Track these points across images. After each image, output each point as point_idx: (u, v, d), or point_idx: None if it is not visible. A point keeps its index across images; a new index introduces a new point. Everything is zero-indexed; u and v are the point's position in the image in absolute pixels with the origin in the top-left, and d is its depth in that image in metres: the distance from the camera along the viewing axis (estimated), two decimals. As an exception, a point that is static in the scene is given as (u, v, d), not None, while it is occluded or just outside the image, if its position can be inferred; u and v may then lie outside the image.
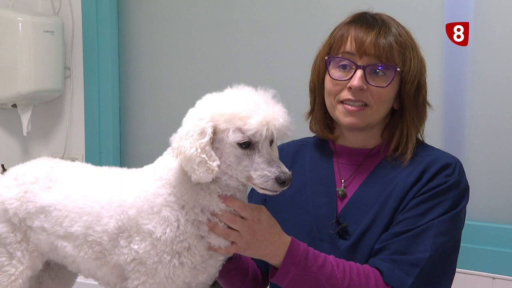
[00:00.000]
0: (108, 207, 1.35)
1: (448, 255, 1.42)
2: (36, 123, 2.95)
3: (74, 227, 1.39)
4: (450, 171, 1.43)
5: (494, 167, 2.17)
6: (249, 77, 2.59)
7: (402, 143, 1.48)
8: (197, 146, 1.23)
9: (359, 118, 1.45)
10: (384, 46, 1.42)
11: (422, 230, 1.37)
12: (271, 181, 1.24)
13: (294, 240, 1.36)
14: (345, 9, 1.57)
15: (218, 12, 2.70)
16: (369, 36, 1.42)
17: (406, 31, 1.49)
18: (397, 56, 1.44)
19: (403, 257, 1.36)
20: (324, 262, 1.35)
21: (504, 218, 2.16)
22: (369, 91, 1.43)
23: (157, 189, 1.32)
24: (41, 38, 2.71)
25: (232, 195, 1.32)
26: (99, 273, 1.41)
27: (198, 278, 1.35)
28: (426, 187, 1.41)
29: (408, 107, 1.48)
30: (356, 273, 1.35)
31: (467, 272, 2.12)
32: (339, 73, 1.46)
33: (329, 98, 1.49)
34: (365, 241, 1.42)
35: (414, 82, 1.46)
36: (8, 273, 1.48)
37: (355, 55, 1.44)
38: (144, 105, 2.92)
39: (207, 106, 1.28)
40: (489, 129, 2.18)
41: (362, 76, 1.42)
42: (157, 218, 1.30)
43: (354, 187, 1.50)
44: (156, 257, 1.30)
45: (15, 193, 1.48)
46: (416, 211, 1.40)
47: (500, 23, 2.14)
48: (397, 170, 1.46)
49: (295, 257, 1.34)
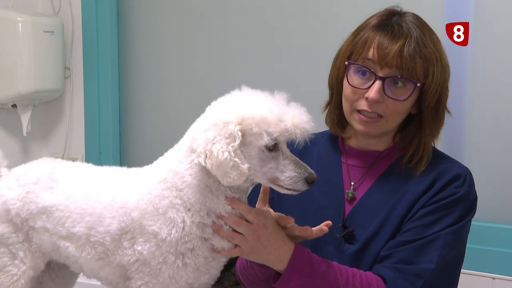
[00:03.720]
0: (110, 208, 1.35)
1: (452, 266, 1.41)
2: (36, 123, 2.94)
3: (77, 227, 1.39)
4: (460, 182, 1.42)
5: (494, 167, 2.17)
6: (250, 77, 2.59)
7: (418, 154, 1.46)
8: (230, 150, 1.22)
9: (374, 128, 1.44)
10: (406, 60, 1.39)
11: (429, 241, 1.37)
12: (301, 182, 1.27)
13: (298, 247, 1.35)
14: (352, 8, 1.56)
15: (219, 12, 2.70)
16: (393, 47, 1.39)
17: (432, 39, 1.44)
18: (420, 70, 1.41)
19: (408, 267, 1.36)
20: (327, 269, 1.35)
21: (504, 218, 2.16)
22: (385, 103, 1.42)
23: (162, 191, 1.31)
24: (41, 38, 2.71)
25: (239, 198, 1.32)
26: (102, 273, 1.41)
27: (200, 279, 1.35)
28: (436, 197, 1.41)
29: (428, 119, 1.45)
30: (359, 281, 1.35)
31: (467, 272, 2.12)
32: (358, 80, 1.44)
33: (346, 104, 1.48)
34: (372, 248, 1.42)
35: (435, 95, 1.44)
36: (10, 273, 1.48)
37: (376, 64, 1.41)
38: (144, 105, 2.92)
39: (230, 110, 1.26)
40: (489, 129, 2.18)
41: (381, 89, 1.40)
42: (162, 220, 1.30)
43: (363, 190, 1.49)
44: (161, 258, 1.30)
45: (17, 194, 1.47)
46: (424, 221, 1.39)
47: (500, 23, 2.14)
48: (409, 176, 1.45)
49: (298, 265, 1.33)
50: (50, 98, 2.92)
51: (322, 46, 2.37)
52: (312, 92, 1.93)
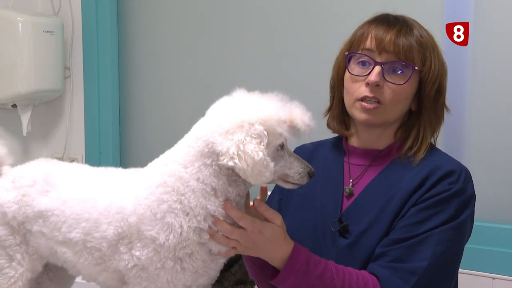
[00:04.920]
0: (106, 213, 1.35)
1: (448, 265, 1.40)
2: (36, 123, 2.95)
3: (73, 233, 1.39)
4: (454, 178, 1.41)
5: (494, 167, 2.17)
6: (250, 77, 2.60)
7: (417, 143, 1.47)
8: (262, 150, 1.25)
9: (374, 116, 1.45)
10: (403, 44, 1.43)
11: (423, 239, 1.36)
12: (306, 176, 1.36)
13: (296, 248, 1.36)
14: (354, 10, 1.57)
15: (219, 12, 2.70)
16: (389, 34, 1.43)
17: (428, 34, 1.48)
18: (417, 56, 1.44)
19: (401, 265, 1.35)
20: (324, 270, 1.35)
21: (504, 218, 2.16)
22: (385, 88, 1.44)
23: (161, 195, 1.31)
24: (41, 38, 2.71)
25: (239, 202, 1.34)
26: (100, 278, 1.41)
27: (198, 281, 1.36)
28: (427, 194, 1.40)
29: (427, 109, 1.47)
30: (356, 281, 1.35)
31: (467, 272, 2.12)
32: (358, 69, 1.47)
33: (348, 97, 1.50)
34: (364, 241, 1.42)
35: (435, 84, 1.46)
36: (8, 275, 1.48)
37: (374, 52, 1.44)
38: (144, 105, 2.92)
39: (249, 111, 1.27)
40: (489, 129, 2.18)
41: (380, 73, 1.43)
42: (160, 225, 1.30)
43: (361, 186, 1.50)
44: (159, 263, 1.30)
45: (13, 196, 1.47)
46: (416, 218, 1.38)
47: (500, 23, 2.14)
48: (405, 171, 1.45)
49: (295, 265, 1.34)
50: (50, 98, 2.93)
51: (322, 46, 2.37)
52: (312, 92, 1.94)
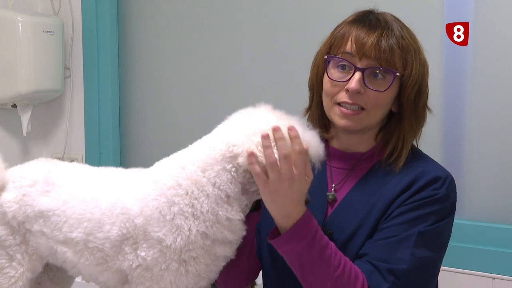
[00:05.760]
0: (110, 213, 1.35)
1: (427, 270, 1.39)
2: (36, 123, 2.95)
3: (74, 233, 1.38)
4: (438, 184, 1.40)
5: (494, 167, 2.16)
6: (250, 77, 2.59)
7: (397, 149, 1.45)
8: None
9: (355, 122, 1.43)
10: (385, 49, 1.39)
11: (402, 239, 1.35)
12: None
13: (308, 213, 1.32)
14: (346, 8, 1.56)
15: (219, 12, 2.70)
16: (370, 38, 1.39)
17: (410, 34, 1.45)
18: (398, 60, 1.41)
19: (381, 264, 1.35)
20: (327, 244, 1.32)
21: (504, 218, 2.16)
22: (366, 94, 1.40)
23: (172, 197, 1.30)
24: (41, 38, 2.71)
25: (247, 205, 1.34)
26: (101, 278, 1.40)
27: (199, 283, 1.36)
28: (412, 198, 1.39)
29: (407, 112, 1.44)
30: (349, 270, 1.33)
31: (467, 272, 2.12)
32: (338, 73, 1.43)
33: (326, 99, 1.46)
34: (348, 251, 1.40)
35: (415, 87, 1.43)
36: (8, 275, 1.48)
37: (354, 56, 1.41)
38: (144, 105, 2.92)
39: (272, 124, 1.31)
40: (489, 129, 2.17)
41: (361, 79, 1.39)
42: (168, 226, 1.30)
43: (344, 192, 1.47)
44: (164, 265, 1.31)
45: (13, 196, 1.47)
46: (399, 220, 1.37)
47: (500, 23, 2.14)
48: (387, 177, 1.44)
49: (302, 231, 1.30)
50: (50, 98, 2.92)
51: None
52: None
